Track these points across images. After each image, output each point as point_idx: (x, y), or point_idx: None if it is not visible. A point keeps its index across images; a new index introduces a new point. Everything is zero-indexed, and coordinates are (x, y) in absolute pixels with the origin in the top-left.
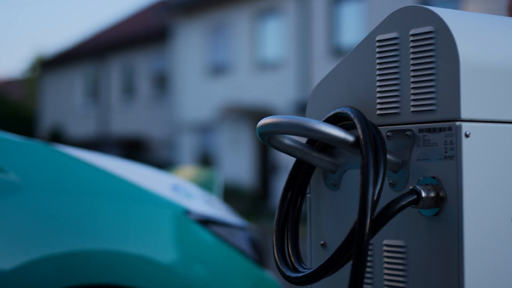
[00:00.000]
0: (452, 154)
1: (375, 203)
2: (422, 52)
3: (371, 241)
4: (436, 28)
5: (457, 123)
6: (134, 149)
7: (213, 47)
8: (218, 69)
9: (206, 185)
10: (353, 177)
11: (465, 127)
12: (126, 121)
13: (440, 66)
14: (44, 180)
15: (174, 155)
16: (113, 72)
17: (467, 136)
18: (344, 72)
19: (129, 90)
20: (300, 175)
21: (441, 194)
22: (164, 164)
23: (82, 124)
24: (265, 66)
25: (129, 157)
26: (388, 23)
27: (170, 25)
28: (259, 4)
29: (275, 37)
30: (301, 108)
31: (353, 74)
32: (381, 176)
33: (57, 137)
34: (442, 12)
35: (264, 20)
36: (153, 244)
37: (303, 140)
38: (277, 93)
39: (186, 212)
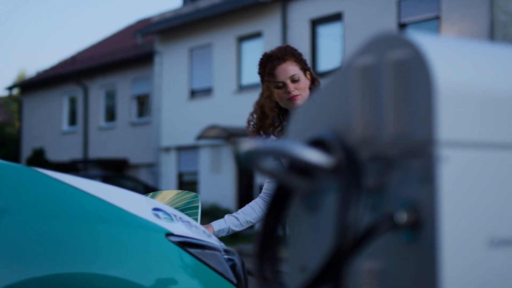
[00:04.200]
0: (430, 178)
1: (351, 228)
2: (400, 77)
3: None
4: (413, 54)
5: (435, 147)
6: (115, 172)
7: (194, 70)
8: (199, 93)
9: (187, 208)
10: (332, 200)
11: (443, 151)
12: (107, 144)
13: (418, 91)
14: (26, 203)
15: (155, 178)
16: (95, 95)
17: (444, 160)
18: (324, 96)
19: (110, 112)
20: (280, 198)
21: (418, 219)
22: (146, 187)
23: (64, 146)
24: (246, 90)
25: (111, 180)
26: (366, 49)
27: (152, 48)
28: (240, 28)
29: (256, 61)
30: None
31: (332, 98)
32: (358, 200)
33: (39, 159)
34: (420, 38)
35: (245, 44)
36: (134, 267)
37: (283, 162)
38: None
39: (167, 235)
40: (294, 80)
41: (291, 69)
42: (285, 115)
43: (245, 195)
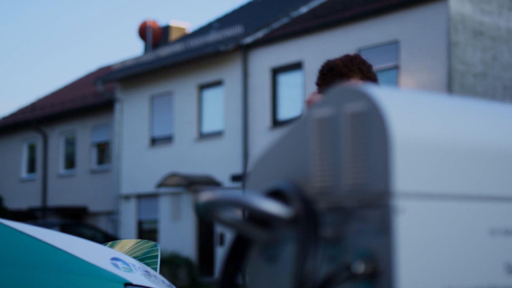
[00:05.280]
0: (387, 229)
1: (309, 278)
2: (357, 129)
3: None
4: (370, 106)
5: (391, 199)
6: (74, 220)
7: (155, 118)
8: (160, 140)
9: (146, 258)
10: (290, 250)
11: (399, 203)
12: (67, 192)
13: (375, 143)
14: None
15: (115, 226)
16: (55, 142)
17: (401, 211)
18: (283, 147)
19: (70, 160)
20: (238, 249)
21: (376, 269)
22: (105, 235)
23: (23, 194)
24: (207, 138)
25: (70, 228)
26: (324, 101)
27: (113, 95)
28: (201, 76)
29: (216, 109)
30: (242, 181)
31: (291, 150)
32: (315, 251)
33: None
34: (376, 91)
35: (206, 92)
36: None
37: (241, 213)
38: (218, 165)
39: (126, 285)
40: None
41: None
42: None
43: (205, 244)
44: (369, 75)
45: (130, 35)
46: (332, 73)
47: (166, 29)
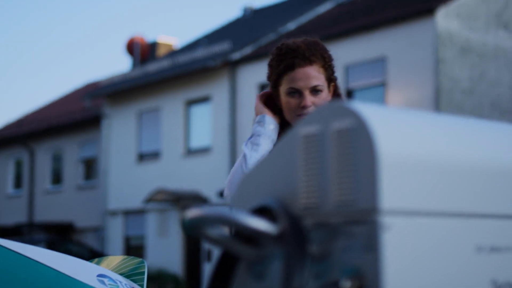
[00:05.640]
0: (373, 246)
1: None
2: (343, 147)
3: None
4: (357, 123)
5: (378, 215)
6: (61, 236)
7: (143, 133)
8: (147, 156)
9: (133, 274)
10: (277, 267)
11: (386, 219)
12: (53, 208)
13: (361, 160)
14: None
15: (102, 242)
16: (42, 158)
17: (387, 228)
18: (270, 164)
19: (57, 176)
20: (226, 266)
21: (362, 286)
22: (92, 251)
23: (9, 210)
24: (194, 153)
25: (56, 244)
26: (312, 118)
27: (100, 111)
28: (189, 92)
29: (203, 125)
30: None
31: (278, 166)
32: (302, 267)
33: None
34: (363, 108)
35: (193, 107)
36: None
37: (228, 230)
38: (206, 180)
39: None
40: (314, 91)
41: (315, 76)
42: (283, 129)
43: (192, 260)
44: (330, 65)
45: (117, 50)
46: (293, 55)
47: (153, 45)
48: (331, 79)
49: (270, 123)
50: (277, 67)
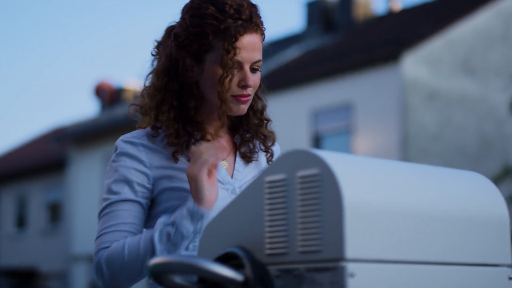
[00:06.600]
0: None
1: None
2: (308, 194)
3: None
4: (321, 171)
5: (342, 263)
6: (25, 281)
7: None
8: None
9: None
10: None
11: (350, 267)
12: (17, 252)
13: (326, 208)
14: None
15: None
16: (6, 202)
17: (352, 276)
18: (235, 211)
19: (21, 220)
20: None
21: None
22: None
23: None
24: None
25: None
26: (277, 165)
27: (65, 155)
28: None
29: None
30: None
31: (243, 214)
32: None
33: None
34: (328, 156)
35: None
36: None
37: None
38: None
39: None
40: (254, 68)
41: (259, 48)
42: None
43: None
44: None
45: (84, 94)
46: (236, 15)
47: (120, 90)
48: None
49: (207, 220)
50: (209, 27)
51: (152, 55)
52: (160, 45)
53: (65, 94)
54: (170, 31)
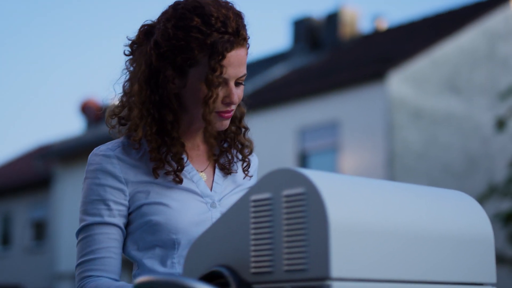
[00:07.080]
0: None
1: None
2: (294, 213)
3: None
4: (307, 190)
5: (328, 282)
6: None
7: None
8: None
9: None
10: None
11: (336, 286)
12: (2, 270)
13: (311, 227)
14: None
15: None
16: None
17: None
18: (220, 230)
19: (6, 238)
20: None
21: None
22: None
23: None
24: None
25: None
26: (262, 184)
27: (50, 173)
28: None
29: None
30: None
31: (228, 233)
32: None
33: None
34: (313, 175)
35: None
36: None
37: None
38: None
39: None
40: (238, 83)
41: (245, 63)
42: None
43: None
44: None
45: (70, 112)
46: (224, 30)
47: (106, 108)
48: None
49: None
50: (195, 41)
51: (125, 54)
52: (134, 45)
53: (50, 111)
54: (147, 32)
